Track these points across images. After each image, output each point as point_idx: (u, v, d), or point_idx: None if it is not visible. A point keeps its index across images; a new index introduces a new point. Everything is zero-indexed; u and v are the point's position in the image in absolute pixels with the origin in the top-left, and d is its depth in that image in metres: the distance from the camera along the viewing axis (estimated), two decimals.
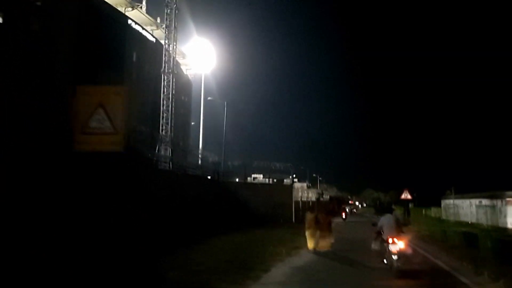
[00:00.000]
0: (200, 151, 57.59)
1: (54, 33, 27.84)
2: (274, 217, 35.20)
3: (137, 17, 56.06)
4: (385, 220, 14.03)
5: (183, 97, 66.49)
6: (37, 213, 12.17)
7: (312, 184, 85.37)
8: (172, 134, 34.99)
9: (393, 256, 12.94)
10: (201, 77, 61.33)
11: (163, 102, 36.57)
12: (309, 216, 18.16)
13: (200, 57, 62.94)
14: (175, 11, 38.03)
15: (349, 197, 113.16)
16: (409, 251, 13.59)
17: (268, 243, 19.62)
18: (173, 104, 36.68)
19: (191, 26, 65.83)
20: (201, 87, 59.37)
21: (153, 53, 53.52)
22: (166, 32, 37.92)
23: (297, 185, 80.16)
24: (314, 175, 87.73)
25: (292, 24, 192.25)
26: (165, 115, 36.56)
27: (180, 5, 39.57)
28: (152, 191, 19.66)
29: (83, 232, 13.07)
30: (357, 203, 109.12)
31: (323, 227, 17.44)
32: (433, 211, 66.63)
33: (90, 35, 33.21)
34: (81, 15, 30.09)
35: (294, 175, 37.20)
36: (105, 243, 13.46)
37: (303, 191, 45.13)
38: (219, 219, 28.16)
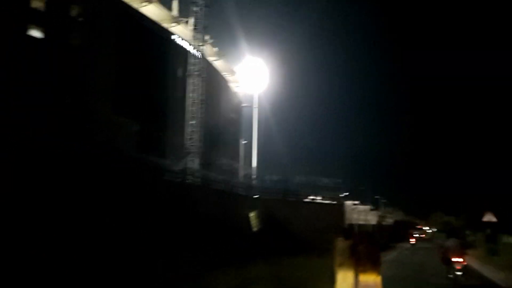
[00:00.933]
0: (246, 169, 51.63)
1: (95, 47, 25.30)
2: (321, 243, 28.04)
3: (183, 32, 52.14)
4: (451, 243, 16.04)
5: (232, 115, 61.26)
6: None
7: (376, 208, 76.60)
8: (202, 144, 29.12)
9: (457, 272, 15.15)
10: (253, 96, 56.96)
11: (188, 108, 30.37)
12: (341, 244, 9.88)
13: (252, 76, 58.29)
14: (203, 8, 32.52)
15: (417, 221, 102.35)
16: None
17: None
18: (202, 110, 30.49)
19: (243, 45, 62.02)
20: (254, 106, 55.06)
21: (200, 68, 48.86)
22: (194, 32, 32.39)
23: (357, 206, 71.97)
24: (376, 197, 78.74)
25: (346, 42, 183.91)
26: (192, 122, 30.58)
27: (233, 25, 35.04)
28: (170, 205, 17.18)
29: None
30: (425, 227, 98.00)
31: (365, 263, 9.69)
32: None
33: (131, 49, 28.88)
34: (122, 29, 27.10)
35: (347, 193, 30.00)
36: None
37: (360, 213, 37.60)
38: (251, 241, 22.11)
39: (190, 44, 48.79)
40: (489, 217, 29.99)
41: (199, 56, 30.95)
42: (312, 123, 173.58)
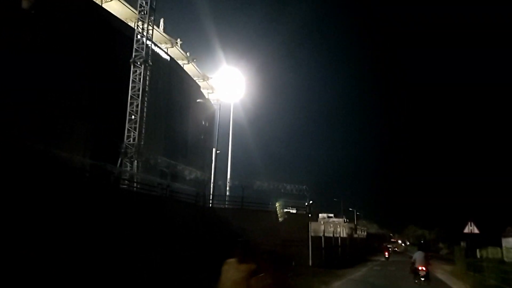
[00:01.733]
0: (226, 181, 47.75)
1: None
2: (284, 255, 24.36)
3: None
4: (418, 255, 19.64)
5: (203, 122, 57.68)
6: None
7: (350, 220, 73.33)
8: (142, 143, 24.52)
9: (421, 278, 18.80)
10: (229, 105, 53.75)
11: (130, 101, 25.56)
12: (226, 268, 5.93)
13: (229, 85, 55.12)
14: None
15: (391, 234, 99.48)
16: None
17: None
18: (145, 104, 26.25)
19: (220, 54, 59.37)
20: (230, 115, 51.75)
21: (168, 70, 45.36)
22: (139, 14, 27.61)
23: (332, 219, 68.57)
24: (350, 209, 75.51)
25: (322, 53, 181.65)
26: (132, 117, 25.31)
27: (210, 34, 30.62)
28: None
29: None
30: (399, 241, 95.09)
31: None
32: (490, 252, 53.15)
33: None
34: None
35: (311, 201, 26.23)
36: None
37: (328, 225, 34.03)
38: (197, 258, 18.46)
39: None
40: (470, 228, 26.12)
41: (145, 41, 26.54)
42: (288, 133, 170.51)
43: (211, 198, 24.47)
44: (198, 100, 31.91)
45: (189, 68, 52.86)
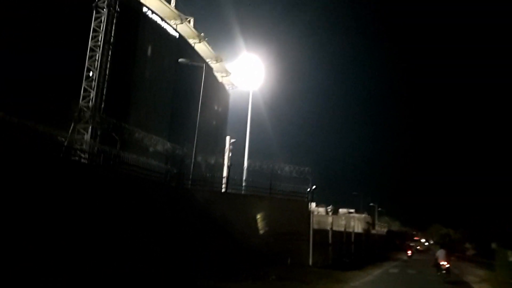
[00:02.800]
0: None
1: None
2: (278, 255, 19.15)
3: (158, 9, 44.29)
4: (440, 252, 20.81)
5: (216, 107, 52.71)
6: None
7: (371, 215, 67.11)
8: (103, 105, 19.26)
9: (442, 271, 19.90)
10: (246, 92, 48.65)
11: (90, 53, 20.10)
12: None
13: (248, 72, 50.09)
14: None
15: (414, 232, 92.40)
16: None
17: None
18: (108, 59, 20.45)
19: (239, 41, 54.61)
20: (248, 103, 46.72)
21: (176, 48, 40.74)
22: None
23: (353, 215, 62.47)
24: (371, 204, 69.11)
25: (344, 40, 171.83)
26: (91, 74, 19.93)
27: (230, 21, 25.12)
28: None
29: None
30: (423, 239, 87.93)
31: None
32: None
33: None
34: None
35: (314, 187, 20.64)
36: None
37: (339, 218, 28.46)
38: (169, 256, 13.55)
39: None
40: None
41: None
42: (307, 122, 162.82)
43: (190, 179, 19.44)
44: (180, 60, 26.33)
45: (201, 48, 48.00)
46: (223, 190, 19.99)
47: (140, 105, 36.89)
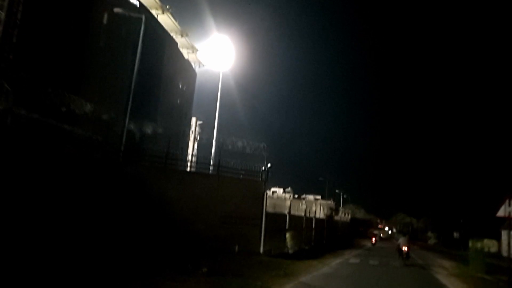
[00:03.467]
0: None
1: None
2: (225, 242, 16.30)
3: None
4: (401, 239, 23.26)
5: (181, 86, 49.11)
6: None
7: (336, 202, 65.33)
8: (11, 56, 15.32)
9: (403, 255, 21.93)
10: (217, 73, 45.20)
11: None
12: None
13: (218, 53, 46.55)
14: None
15: (378, 221, 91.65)
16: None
17: None
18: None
19: (209, 21, 51.06)
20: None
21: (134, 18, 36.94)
22: None
23: (319, 200, 60.41)
24: (337, 191, 67.24)
25: (313, 22, 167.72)
26: None
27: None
28: None
29: None
30: (386, 228, 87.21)
31: None
32: (486, 244, 44.89)
33: None
34: None
35: (269, 165, 17.76)
36: None
37: (299, 202, 25.81)
38: (83, 247, 10.28)
39: None
40: (509, 210, 16.19)
41: None
42: (277, 104, 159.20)
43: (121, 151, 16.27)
44: (115, 9, 22.81)
45: (165, 20, 44.20)
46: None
47: (93, 77, 33.18)
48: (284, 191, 63.17)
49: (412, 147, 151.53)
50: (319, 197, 65.12)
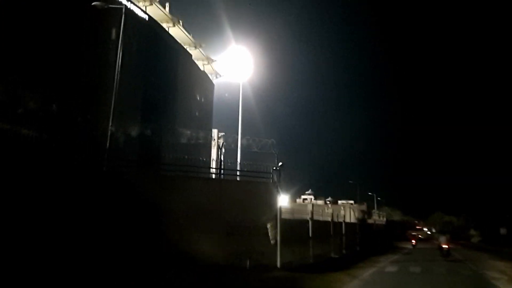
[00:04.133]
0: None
1: None
2: (233, 256, 13.49)
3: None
4: (442, 238, 25.84)
5: (198, 97, 46.92)
6: None
7: (369, 206, 61.32)
8: None
9: (444, 252, 24.43)
10: (235, 83, 43.12)
11: None
12: None
13: (236, 64, 44.47)
14: None
15: (416, 221, 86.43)
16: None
17: None
18: None
19: (227, 32, 49.40)
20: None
21: (147, 33, 35.15)
22: None
23: (351, 204, 56.54)
24: (370, 193, 63.17)
25: (330, 32, 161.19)
26: None
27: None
28: None
29: None
30: (425, 228, 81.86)
31: None
32: None
33: None
34: None
35: (281, 164, 14.90)
36: None
37: (323, 208, 22.73)
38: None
39: None
40: None
41: None
42: (299, 112, 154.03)
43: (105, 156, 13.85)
44: (94, 3, 20.45)
45: (177, 33, 42.29)
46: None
47: (104, 94, 31.34)
48: (315, 198, 59.92)
49: (445, 142, 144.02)
50: (352, 201, 61.45)
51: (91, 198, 11.69)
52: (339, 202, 62.22)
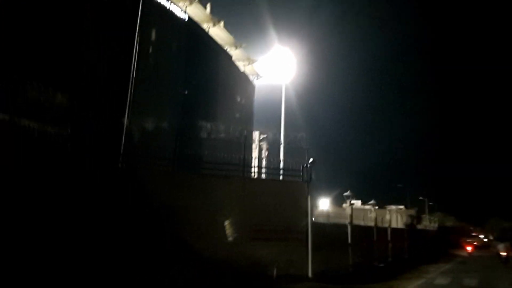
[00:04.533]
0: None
1: None
2: (258, 265, 11.94)
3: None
4: (500, 245, 25.62)
5: (239, 99, 45.83)
6: None
7: (421, 211, 57.62)
8: None
9: (502, 259, 24.06)
10: (277, 85, 41.96)
11: None
12: None
13: (278, 65, 43.27)
14: None
15: (471, 228, 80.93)
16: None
17: None
18: None
19: (270, 33, 48.12)
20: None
21: (186, 33, 34.50)
22: None
23: (400, 209, 53.20)
24: (420, 198, 59.30)
25: (376, 32, 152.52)
26: None
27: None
28: None
29: None
30: (481, 235, 76.19)
31: None
32: None
33: None
34: None
35: (312, 160, 13.12)
36: None
37: (367, 212, 20.69)
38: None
39: None
40: None
41: None
42: (344, 115, 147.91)
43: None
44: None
45: (217, 34, 41.45)
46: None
47: (143, 97, 30.84)
48: (363, 203, 57.06)
49: (500, 144, 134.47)
50: (402, 207, 58.06)
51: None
52: (390, 207, 58.96)
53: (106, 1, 18.94)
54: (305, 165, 13.32)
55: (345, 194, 18.08)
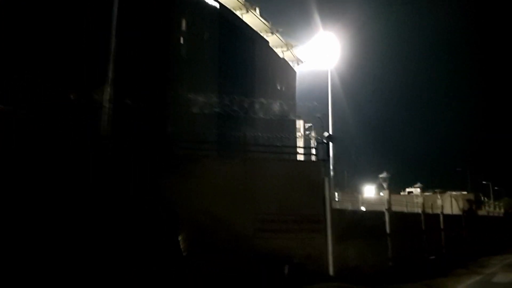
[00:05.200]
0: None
1: None
2: (267, 258, 9.76)
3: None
4: None
5: (279, 87, 43.57)
6: None
7: (484, 196, 52.52)
8: None
9: None
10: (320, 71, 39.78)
11: None
12: None
13: (322, 50, 40.85)
14: None
15: None
16: None
17: None
18: None
19: (313, 18, 45.83)
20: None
21: (218, 21, 32.99)
22: None
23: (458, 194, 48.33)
24: (484, 182, 53.96)
25: (424, 16, 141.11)
26: None
27: None
28: None
29: None
30: None
31: None
32: None
33: None
34: None
35: (327, 134, 10.66)
36: None
37: (414, 198, 17.79)
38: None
39: None
40: None
41: None
42: (396, 101, 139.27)
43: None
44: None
45: (251, 20, 39.49)
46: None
47: (177, 87, 29.50)
48: (422, 190, 52.94)
49: None
50: (465, 192, 53.19)
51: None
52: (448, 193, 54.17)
53: None
54: (318, 142, 10.85)
55: (380, 176, 15.36)
